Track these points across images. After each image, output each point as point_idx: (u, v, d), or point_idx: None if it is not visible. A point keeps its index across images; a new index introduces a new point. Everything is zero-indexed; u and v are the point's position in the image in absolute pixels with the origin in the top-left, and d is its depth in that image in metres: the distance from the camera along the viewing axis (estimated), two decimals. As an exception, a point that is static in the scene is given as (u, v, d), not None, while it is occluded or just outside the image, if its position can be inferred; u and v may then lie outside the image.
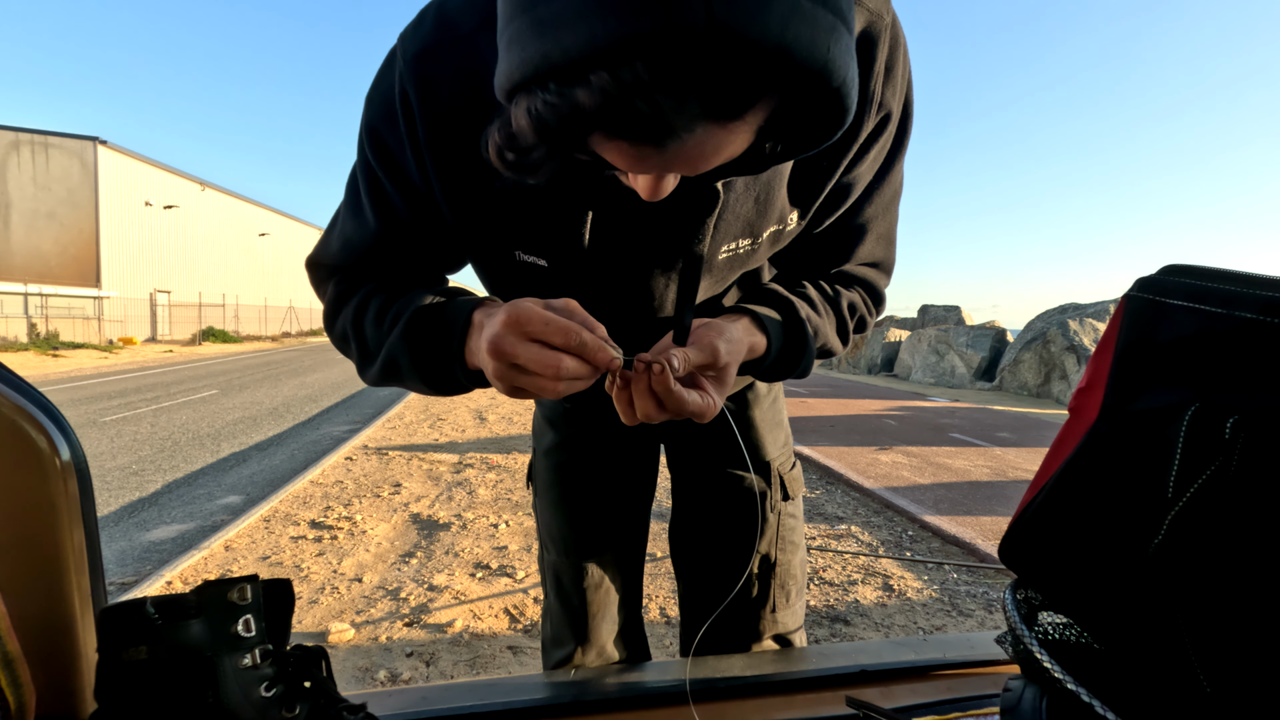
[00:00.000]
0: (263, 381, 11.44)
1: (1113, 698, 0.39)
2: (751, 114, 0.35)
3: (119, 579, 2.93)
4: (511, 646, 2.30)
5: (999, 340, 13.46)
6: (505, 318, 0.48)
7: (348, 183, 0.65)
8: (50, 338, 20.45)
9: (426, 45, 0.53)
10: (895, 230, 0.72)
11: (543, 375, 0.48)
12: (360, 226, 0.63)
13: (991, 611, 2.66)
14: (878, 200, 0.66)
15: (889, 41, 0.55)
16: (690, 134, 0.34)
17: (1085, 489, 0.44)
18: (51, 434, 0.50)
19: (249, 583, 0.47)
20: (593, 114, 0.33)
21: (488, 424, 6.68)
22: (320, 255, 0.69)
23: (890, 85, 0.57)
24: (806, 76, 0.33)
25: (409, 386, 0.62)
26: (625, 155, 0.37)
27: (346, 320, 0.64)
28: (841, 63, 0.34)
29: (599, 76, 0.31)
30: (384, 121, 0.57)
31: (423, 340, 0.57)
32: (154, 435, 6.33)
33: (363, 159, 0.61)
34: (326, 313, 0.68)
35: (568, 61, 0.32)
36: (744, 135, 0.37)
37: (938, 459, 5.53)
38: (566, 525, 0.91)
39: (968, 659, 0.71)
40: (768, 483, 0.88)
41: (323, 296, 0.69)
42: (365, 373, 0.65)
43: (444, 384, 0.59)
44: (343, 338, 0.66)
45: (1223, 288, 0.37)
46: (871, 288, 0.73)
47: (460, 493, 4.17)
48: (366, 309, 0.63)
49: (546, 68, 0.33)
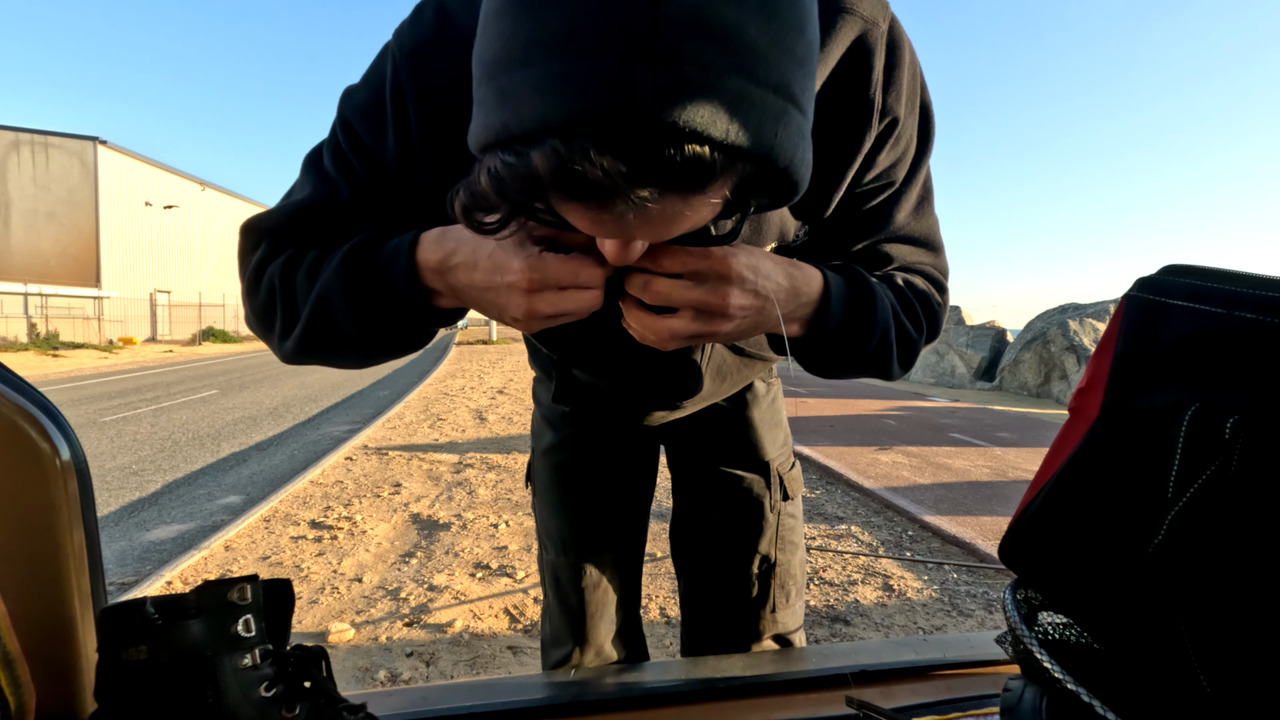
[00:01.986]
0: (263, 381, 11.44)
1: (1113, 698, 0.39)
2: (711, 188, 0.35)
3: (119, 579, 2.93)
4: (511, 646, 2.30)
5: (999, 340, 13.46)
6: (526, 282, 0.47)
7: (305, 160, 0.61)
8: (50, 338, 20.45)
9: (425, 41, 0.53)
10: (937, 236, 0.68)
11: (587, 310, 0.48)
12: (316, 191, 0.59)
13: (991, 611, 2.65)
14: (905, 203, 0.64)
15: (886, 47, 0.54)
16: (647, 204, 0.35)
17: (1085, 489, 0.44)
18: (51, 434, 0.50)
19: (249, 583, 0.47)
20: (546, 178, 0.33)
21: (488, 424, 6.68)
22: (260, 219, 0.61)
23: (893, 90, 0.56)
24: (752, 159, 0.34)
25: (340, 348, 0.56)
26: (584, 219, 0.38)
27: (274, 273, 0.57)
28: (789, 145, 0.35)
29: (552, 143, 0.32)
30: (365, 113, 0.56)
31: (363, 269, 0.52)
32: (154, 435, 6.33)
33: (332, 142, 0.59)
34: (250, 276, 0.60)
35: (524, 132, 0.32)
36: (707, 204, 0.37)
37: (938, 459, 5.53)
38: (566, 525, 0.91)
39: (968, 659, 0.71)
40: (767, 483, 0.88)
41: (246, 263, 0.61)
42: (286, 339, 0.57)
43: (386, 327, 0.53)
44: (267, 297, 0.58)
45: (1223, 288, 0.37)
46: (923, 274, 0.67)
47: (460, 493, 4.16)
48: (300, 260, 0.57)
49: (506, 136, 0.33)
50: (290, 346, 0.58)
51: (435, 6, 0.53)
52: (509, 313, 0.49)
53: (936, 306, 0.66)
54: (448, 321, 0.57)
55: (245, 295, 0.61)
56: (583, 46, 0.31)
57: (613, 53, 0.30)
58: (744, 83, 0.32)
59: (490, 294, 0.49)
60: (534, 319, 0.49)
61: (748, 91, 0.32)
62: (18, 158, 23.68)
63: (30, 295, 20.98)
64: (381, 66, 0.55)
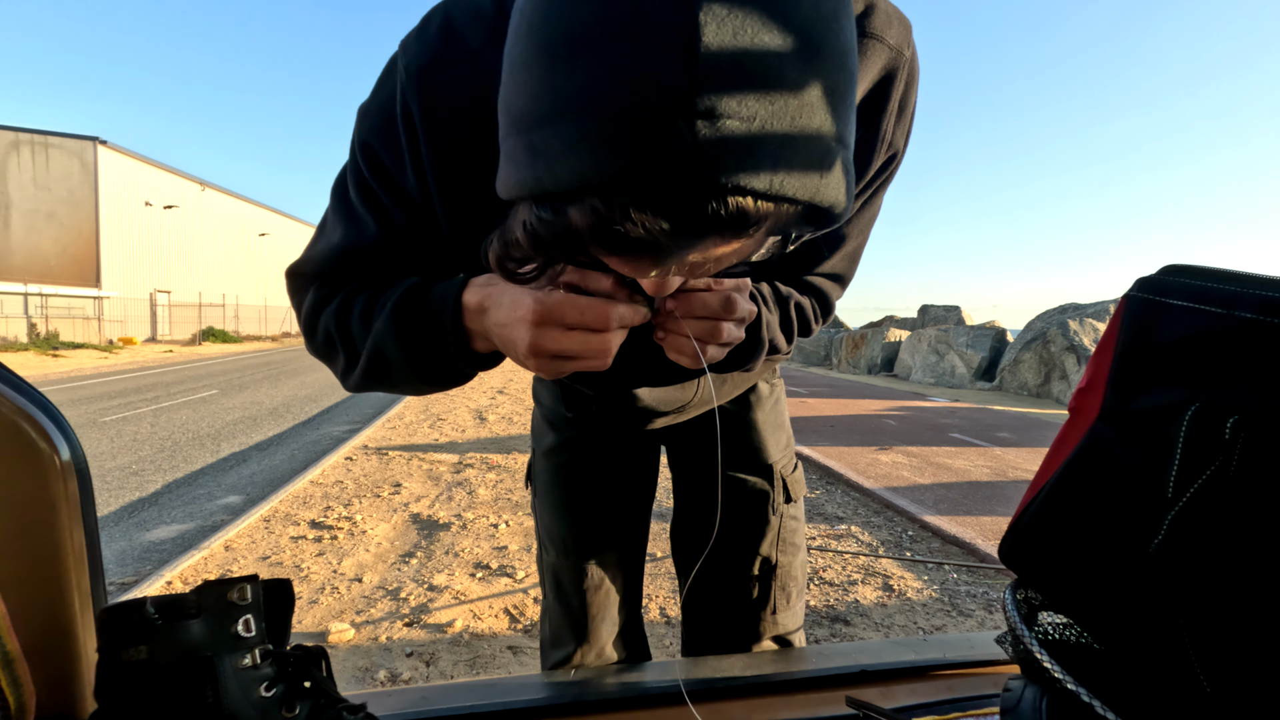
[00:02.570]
0: (263, 381, 11.44)
1: (1113, 698, 0.39)
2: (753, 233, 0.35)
3: (119, 579, 2.93)
4: (511, 646, 2.30)
5: (999, 340, 13.46)
6: (534, 316, 0.47)
7: (334, 191, 0.62)
8: (50, 338, 20.45)
9: (433, 59, 0.52)
10: (863, 250, 0.71)
11: (595, 359, 0.48)
12: (349, 233, 0.60)
13: (991, 611, 2.65)
14: (857, 223, 0.66)
15: (905, 79, 0.55)
16: (687, 250, 0.34)
17: (1085, 489, 0.44)
18: (51, 434, 0.50)
19: (249, 583, 0.47)
20: (585, 233, 0.33)
21: (488, 424, 6.68)
22: (303, 264, 0.65)
23: (900, 125, 0.57)
24: (797, 204, 0.33)
25: (398, 384, 0.59)
26: (624, 266, 0.37)
27: (329, 321, 0.60)
28: (834, 186, 0.34)
29: (591, 200, 0.31)
30: (382, 134, 0.55)
31: (411, 321, 0.54)
32: (154, 435, 6.33)
33: (355, 170, 0.59)
34: (306, 320, 0.64)
35: (560, 191, 0.32)
36: (748, 245, 0.37)
37: (938, 459, 5.53)
38: (566, 526, 0.91)
39: (968, 659, 0.71)
40: (770, 485, 0.88)
41: (300, 306, 0.65)
42: (349, 376, 0.61)
43: (436, 370, 0.56)
44: (326, 341, 0.62)
45: (1223, 288, 0.37)
46: (824, 297, 0.72)
47: (460, 493, 4.16)
48: (351, 307, 0.59)
49: (540, 192, 0.33)
50: (353, 384, 0.62)
51: (441, 22, 0.52)
52: (519, 349, 0.49)
53: (813, 325, 0.71)
54: (489, 365, 0.57)
55: (304, 337, 0.65)
56: (618, 103, 0.29)
57: (649, 110, 0.29)
58: (787, 131, 0.31)
59: (507, 330, 0.49)
60: (539, 354, 0.48)
61: (792, 140, 0.31)
62: (18, 158, 23.68)
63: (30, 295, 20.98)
64: (390, 84, 0.55)
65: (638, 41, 0.29)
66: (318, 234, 0.65)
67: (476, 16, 0.51)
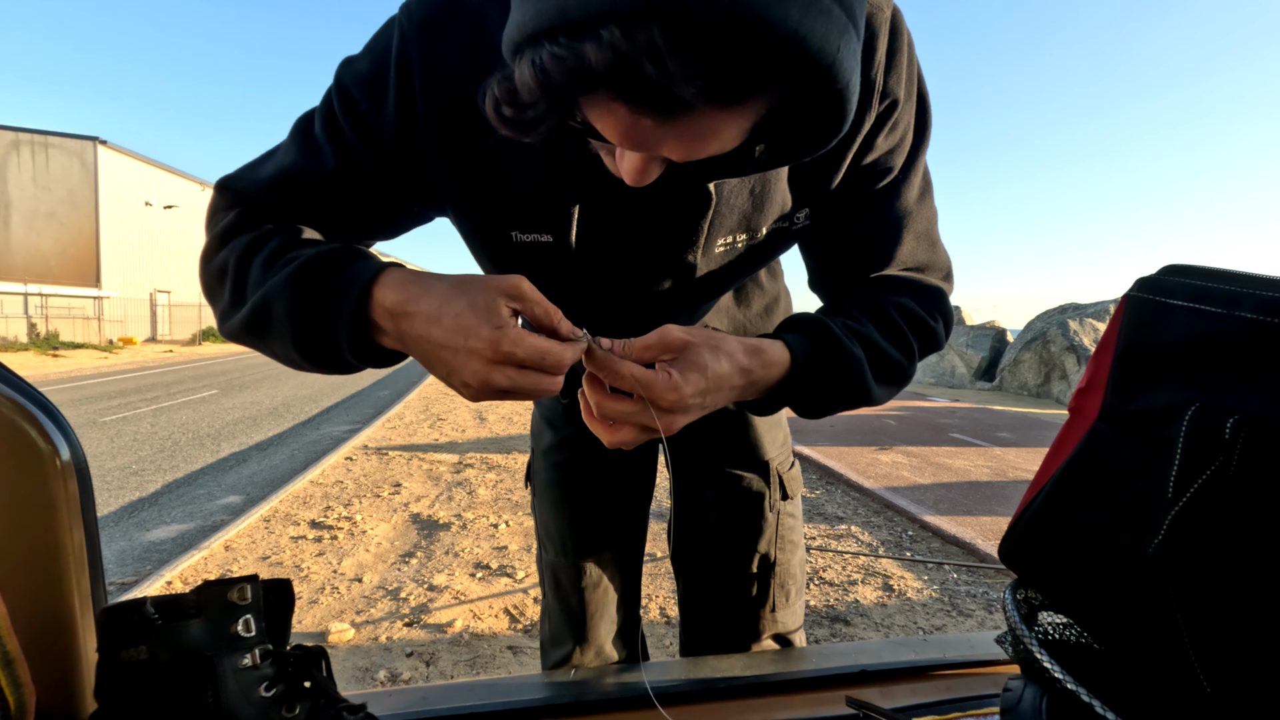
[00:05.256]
0: (263, 381, 11.44)
1: (1113, 698, 0.39)
2: (753, 102, 0.35)
3: (119, 579, 2.93)
4: (511, 646, 2.30)
5: (999, 340, 13.46)
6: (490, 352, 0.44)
7: (296, 125, 0.59)
8: (50, 338, 20.45)
9: (434, 13, 0.53)
10: (935, 229, 0.68)
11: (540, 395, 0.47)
12: (302, 161, 0.57)
13: (991, 611, 2.65)
14: (906, 194, 0.64)
15: (889, 32, 0.55)
16: (689, 111, 0.34)
17: (1085, 489, 0.44)
18: (51, 434, 0.50)
19: (249, 583, 0.47)
20: (599, 72, 0.32)
21: (488, 424, 6.68)
22: (236, 180, 0.60)
23: (893, 73, 0.57)
24: (814, 71, 0.34)
25: (274, 349, 0.54)
26: (620, 124, 0.37)
27: (234, 251, 0.55)
28: (848, 65, 0.34)
29: (611, 33, 0.31)
30: (366, 80, 0.55)
31: (311, 290, 0.49)
32: (154, 435, 6.33)
33: (326, 108, 0.58)
34: (212, 241, 0.58)
35: (585, 17, 0.31)
36: (740, 124, 0.37)
37: (938, 459, 5.53)
38: (565, 525, 0.91)
39: (968, 659, 0.71)
40: (766, 482, 0.88)
41: (213, 224, 0.59)
42: (229, 319, 0.56)
43: (318, 351, 0.51)
44: (219, 270, 0.56)
45: (1223, 288, 0.37)
46: (920, 288, 0.66)
47: (460, 493, 4.16)
48: (262, 246, 0.55)
49: (561, 21, 0.32)
50: (228, 328, 0.56)
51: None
52: (460, 377, 0.46)
53: (932, 325, 0.65)
54: (381, 364, 0.53)
55: (202, 257, 0.59)
56: None
57: None
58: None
59: (446, 353, 0.46)
60: (487, 390, 0.46)
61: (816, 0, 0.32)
62: (18, 158, 23.69)
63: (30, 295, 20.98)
64: (386, 37, 0.55)
65: None
66: (264, 157, 0.61)
67: None
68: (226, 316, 0.56)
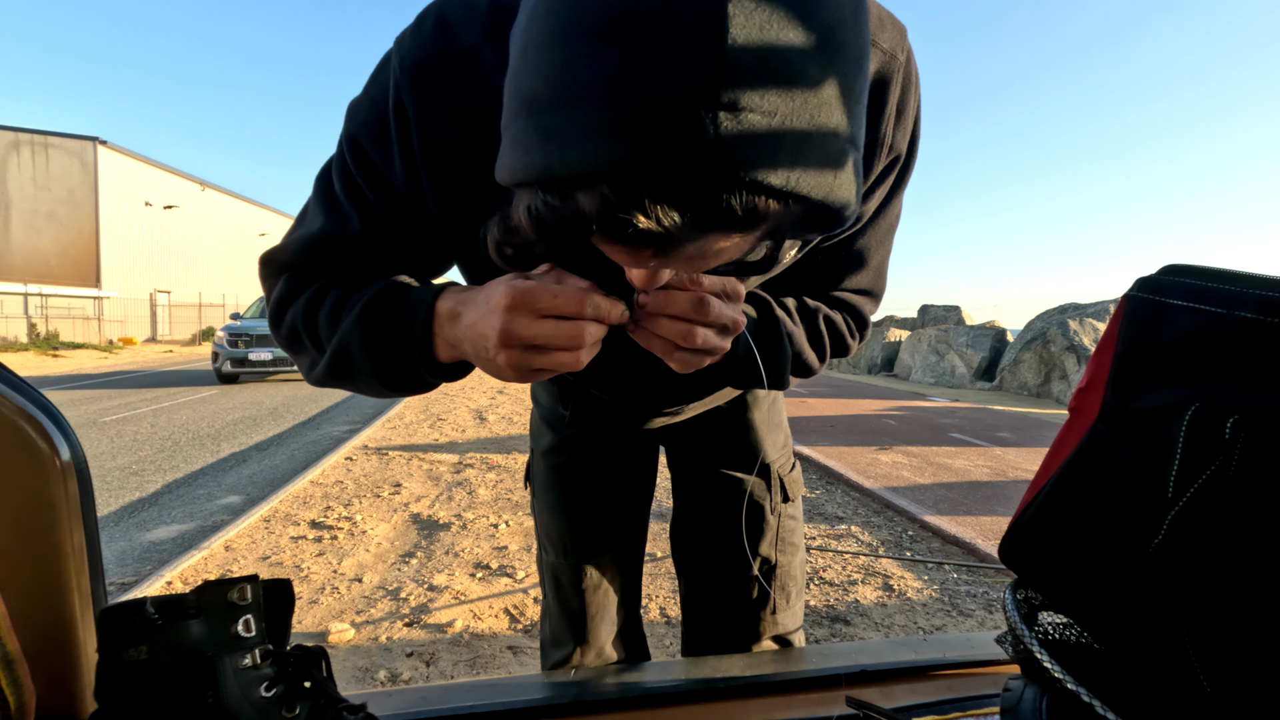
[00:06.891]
0: (262, 381, 11.44)
1: (1113, 698, 0.39)
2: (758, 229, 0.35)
3: (119, 579, 2.93)
4: (511, 646, 2.30)
5: (999, 340, 13.46)
6: (507, 300, 0.45)
7: (318, 182, 0.61)
8: (50, 338, 20.46)
9: (426, 54, 0.52)
10: (887, 262, 0.71)
11: (567, 349, 0.46)
12: (330, 225, 0.59)
13: (991, 611, 2.65)
14: (873, 233, 0.66)
15: (901, 83, 0.55)
16: (690, 243, 0.34)
17: (1085, 489, 0.44)
18: (51, 434, 0.50)
19: (249, 583, 0.47)
20: (592, 219, 0.32)
21: (488, 424, 6.68)
22: (277, 252, 0.63)
23: (901, 127, 0.57)
24: (811, 205, 0.33)
25: (360, 384, 0.58)
26: (624, 255, 0.37)
27: (297, 313, 0.59)
28: (846, 187, 0.34)
29: (601, 188, 0.31)
30: (371, 129, 0.55)
31: (381, 325, 0.53)
32: (154, 435, 6.33)
33: (341, 164, 0.58)
34: (273, 310, 0.62)
35: (571, 176, 0.31)
36: (746, 242, 0.37)
37: (938, 459, 5.53)
38: (565, 526, 0.91)
39: (968, 659, 0.71)
40: (767, 485, 0.88)
41: (269, 294, 0.63)
42: (313, 371, 0.60)
43: (399, 375, 0.55)
44: (291, 333, 0.61)
45: (1223, 288, 0.37)
46: (856, 312, 0.71)
47: (460, 493, 4.16)
48: (321, 302, 0.58)
49: (549, 177, 0.32)
50: (314, 378, 0.61)
51: (436, 17, 0.52)
52: (490, 341, 0.47)
53: (848, 340, 0.71)
54: (454, 376, 0.56)
55: (271, 327, 0.64)
56: (638, 90, 0.29)
57: (672, 99, 0.28)
58: (806, 129, 0.31)
59: (478, 325, 0.47)
60: (510, 343, 0.46)
61: (809, 137, 0.31)
62: (18, 158, 23.69)
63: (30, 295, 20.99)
64: (383, 79, 0.54)
65: (663, 29, 0.28)
66: (296, 223, 0.64)
67: (471, 12, 0.51)
68: (311, 369, 0.61)
